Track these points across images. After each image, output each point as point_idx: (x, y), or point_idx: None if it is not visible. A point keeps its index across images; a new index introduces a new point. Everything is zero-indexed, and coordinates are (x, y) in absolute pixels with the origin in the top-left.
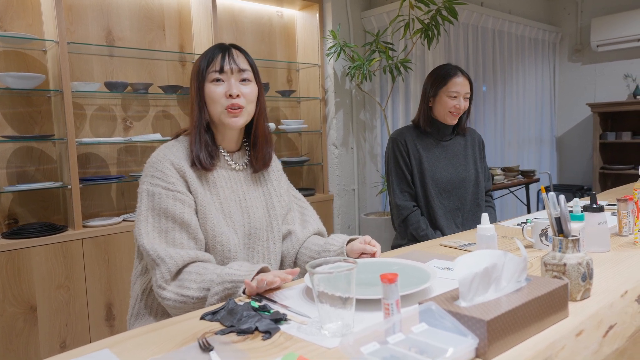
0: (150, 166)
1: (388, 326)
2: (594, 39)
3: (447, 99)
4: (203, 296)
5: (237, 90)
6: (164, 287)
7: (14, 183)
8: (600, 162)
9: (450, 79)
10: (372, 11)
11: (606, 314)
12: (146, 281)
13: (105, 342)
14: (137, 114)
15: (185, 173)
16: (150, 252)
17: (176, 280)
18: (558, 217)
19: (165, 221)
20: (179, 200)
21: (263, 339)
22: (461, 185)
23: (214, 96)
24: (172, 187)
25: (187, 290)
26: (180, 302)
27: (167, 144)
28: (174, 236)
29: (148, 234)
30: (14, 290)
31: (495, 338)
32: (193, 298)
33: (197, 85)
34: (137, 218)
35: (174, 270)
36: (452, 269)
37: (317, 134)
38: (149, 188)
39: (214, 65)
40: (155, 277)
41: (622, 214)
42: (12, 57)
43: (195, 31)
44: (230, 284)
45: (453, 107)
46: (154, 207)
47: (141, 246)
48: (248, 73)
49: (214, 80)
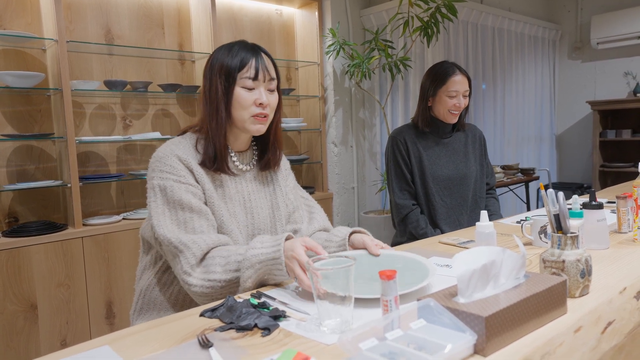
0: (157, 161)
1: (386, 322)
2: (594, 36)
3: (446, 99)
4: (230, 278)
5: (267, 99)
6: (190, 272)
7: (14, 182)
8: (600, 160)
9: (449, 78)
10: (371, 9)
11: (605, 311)
12: (153, 274)
13: (105, 338)
14: (137, 113)
15: (193, 168)
16: (172, 240)
17: (201, 267)
18: (557, 214)
19: (182, 212)
20: (192, 192)
21: (262, 336)
22: (462, 182)
23: (244, 103)
24: (184, 180)
25: (213, 274)
26: (208, 287)
27: (172, 140)
28: (194, 225)
29: (167, 225)
30: (15, 289)
31: (493, 334)
32: (220, 281)
33: (224, 85)
34: (154, 212)
35: (199, 255)
36: (451, 266)
37: (317, 132)
38: (160, 182)
39: (248, 70)
40: (180, 265)
41: (622, 211)
42: (11, 56)
43: (194, 29)
44: (259, 265)
45: (453, 106)
46: (168, 201)
47: (161, 237)
48: (275, 82)
49: (246, 86)
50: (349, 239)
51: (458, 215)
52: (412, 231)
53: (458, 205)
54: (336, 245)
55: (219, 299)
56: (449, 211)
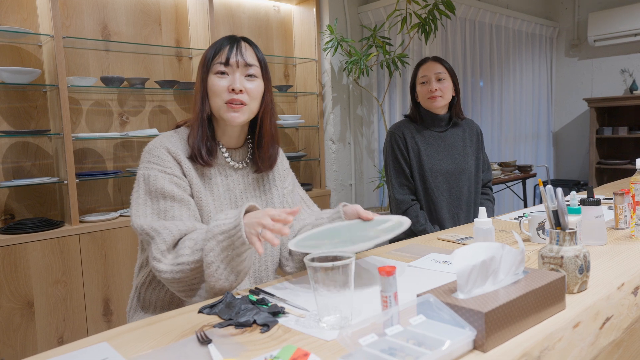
0: (146, 153)
1: (386, 318)
2: (591, 33)
3: (420, 87)
4: (198, 259)
5: (241, 85)
6: (160, 258)
7: (10, 178)
8: (596, 157)
9: (419, 68)
10: (369, 6)
11: (603, 306)
12: (147, 272)
13: (104, 335)
14: (134, 109)
15: (182, 162)
16: (144, 227)
17: (173, 252)
18: (555, 210)
19: (163, 201)
20: (175, 183)
21: (261, 332)
22: (460, 176)
23: (215, 89)
24: (169, 171)
25: (181, 257)
26: (177, 271)
27: (165, 134)
28: (173, 214)
29: (144, 215)
30: (11, 286)
31: (493, 330)
32: (189, 263)
33: (202, 75)
34: (134, 203)
35: (170, 240)
36: (450, 262)
37: (314, 129)
38: (145, 172)
39: (220, 56)
40: (151, 252)
41: (619, 207)
42: (7, 52)
43: (191, 26)
44: (222, 236)
45: (428, 91)
46: (150, 190)
47: (136, 225)
48: (255, 69)
49: (218, 72)
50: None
51: (457, 210)
52: (411, 227)
53: (457, 199)
54: (328, 218)
55: (193, 285)
56: (447, 205)
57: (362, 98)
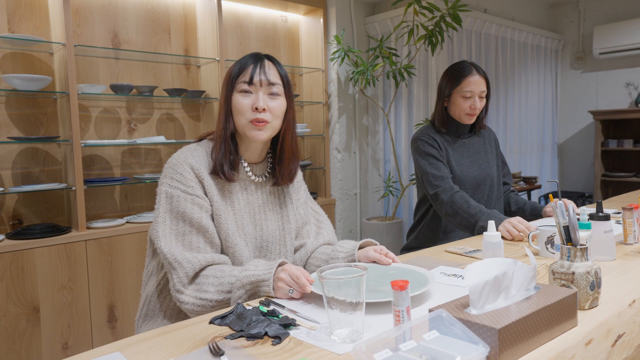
0: (170, 168)
1: (399, 333)
2: (596, 46)
3: (461, 100)
4: (222, 299)
5: (264, 104)
6: (182, 291)
7: (18, 184)
8: (601, 170)
9: (464, 78)
10: (376, 17)
11: (614, 323)
12: (159, 279)
13: (116, 345)
14: (142, 117)
15: (204, 179)
16: (167, 256)
17: (194, 284)
18: (566, 226)
19: (182, 224)
20: (197, 204)
21: (273, 344)
22: (485, 182)
23: (240, 107)
24: (191, 191)
25: (205, 293)
26: (199, 305)
27: (189, 147)
28: (191, 239)
29: (165, 236)
30: (18, 291)
31: (506, 346)
32: (212, 301)
33: (226, 93)
34: (155, 219)
35: (191, 274)
36: (459, 275)
37: (320, 138)
38: (168, 190)
39: (244, 75)
40: (172, 282)
41: (628, 222)
42: (19, 59)
43: (200, 35)
44: (250, 286)
45: (468, 107)
46: (172, 210)
47: (159, 249)
48: (278, 87)
49: (242, 90)
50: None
51: None
52: (463, 214)
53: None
54: (344, 258)
55: (212, 312)
56: None
57: (367, 108)
